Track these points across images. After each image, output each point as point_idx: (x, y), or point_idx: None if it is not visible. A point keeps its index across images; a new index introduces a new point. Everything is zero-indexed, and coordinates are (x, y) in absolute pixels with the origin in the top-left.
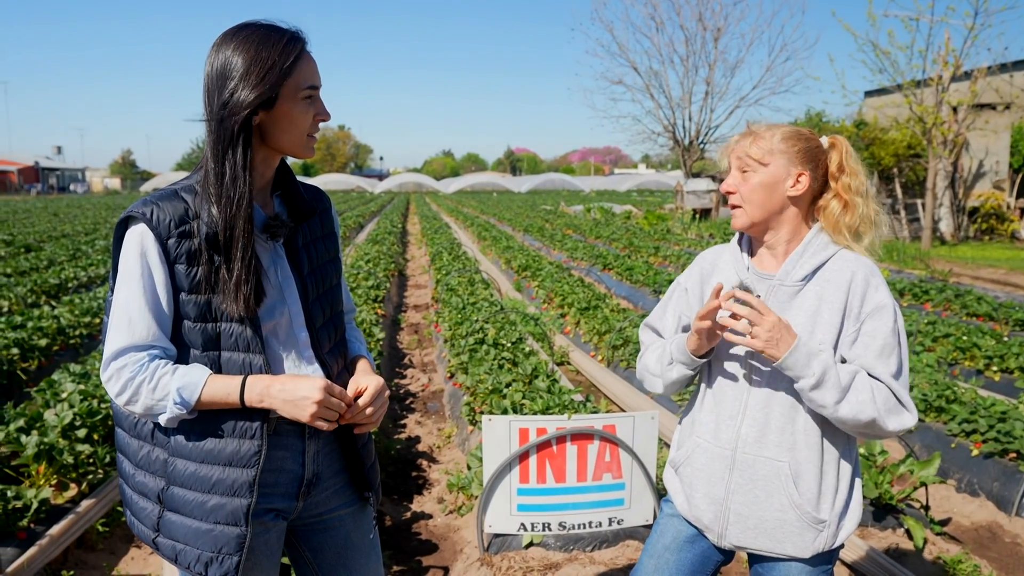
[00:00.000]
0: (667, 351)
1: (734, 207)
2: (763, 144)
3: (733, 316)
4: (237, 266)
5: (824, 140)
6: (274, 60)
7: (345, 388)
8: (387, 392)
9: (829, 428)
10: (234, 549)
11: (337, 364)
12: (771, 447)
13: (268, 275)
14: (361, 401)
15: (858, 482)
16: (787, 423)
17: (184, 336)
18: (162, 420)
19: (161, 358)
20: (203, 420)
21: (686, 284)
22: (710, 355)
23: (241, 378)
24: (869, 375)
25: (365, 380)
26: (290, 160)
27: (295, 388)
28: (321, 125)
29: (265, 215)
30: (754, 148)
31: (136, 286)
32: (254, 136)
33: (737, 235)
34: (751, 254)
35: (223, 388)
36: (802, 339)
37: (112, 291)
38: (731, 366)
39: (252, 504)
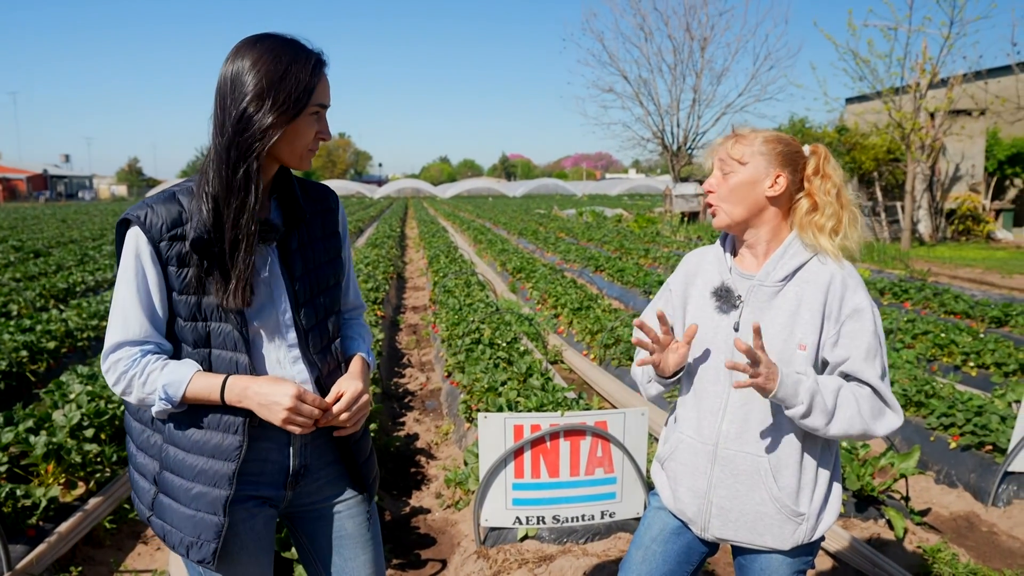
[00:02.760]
0: (646, 368)
1: (712, 205)
2: (744, 145)
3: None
4: (239, 267)
5: (806, 148)
6: (301, 83)
7: (338, 388)
8: (367, 397)
9: None
10: (212, 536)
11: (328, 365)
12: (751, 443)
13: (259, 277)
14: (335, 408)
15: (838, 476)
16: (767, 420)
17: (177, 333)
18: (153, 412)
19: (154, 353)
20: (192, 412)
21: (671, 285)
22: (679, 373)
23: (223, 377)
24: (856, 379)
25: (345, 385)
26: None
27: (269, 392)
28: (328, 138)
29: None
30: (735, 149)
31: (131, 286)
32: None
33: (721, 236)
34: (734, 254)
35: (206, 387)
36: (783, 370)
37: None
38: (712, 365)
39: (230, 496)
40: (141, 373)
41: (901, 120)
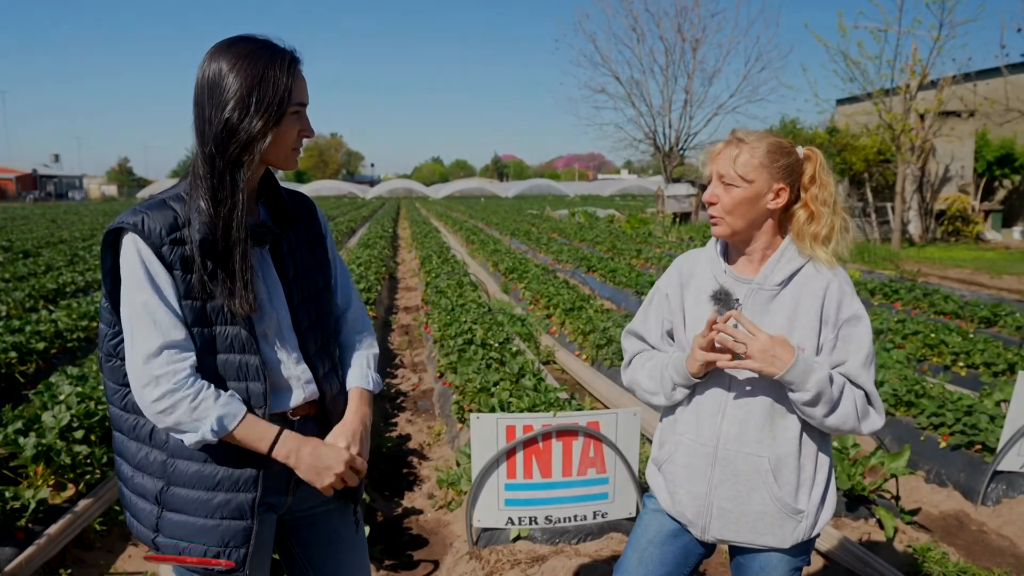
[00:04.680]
0: (666, 376)
1: (714, 217)
2: (748, 159)
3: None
4: (239, 269)
5: (800, 151)
6: (280, 86)
7: (331, 391)
8: (367, 432)
9: (806, 423)
10: (241, 541)
11: (324, 365)
12: (751, 443)
13: (257, 280)
14: (358, 468)
15: (833, 473)
16: (766, 419)
17: None
18: (187, 439)
19: (196, 367)
20: None
21: (666, 290)
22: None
23: (277, 430)
24: (851, 382)
25: (344, 439)
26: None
27: (325, 455)
28: (311, 135)
29: (251, 222)
30: (739, 165)
31: (147, 289)
32: None
33: (714, 239)
34: (727, 257)
35: (255, 432)
36: (800, 355)
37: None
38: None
39: (258, 497)
40: (195, 397)
41: (891, 121)
